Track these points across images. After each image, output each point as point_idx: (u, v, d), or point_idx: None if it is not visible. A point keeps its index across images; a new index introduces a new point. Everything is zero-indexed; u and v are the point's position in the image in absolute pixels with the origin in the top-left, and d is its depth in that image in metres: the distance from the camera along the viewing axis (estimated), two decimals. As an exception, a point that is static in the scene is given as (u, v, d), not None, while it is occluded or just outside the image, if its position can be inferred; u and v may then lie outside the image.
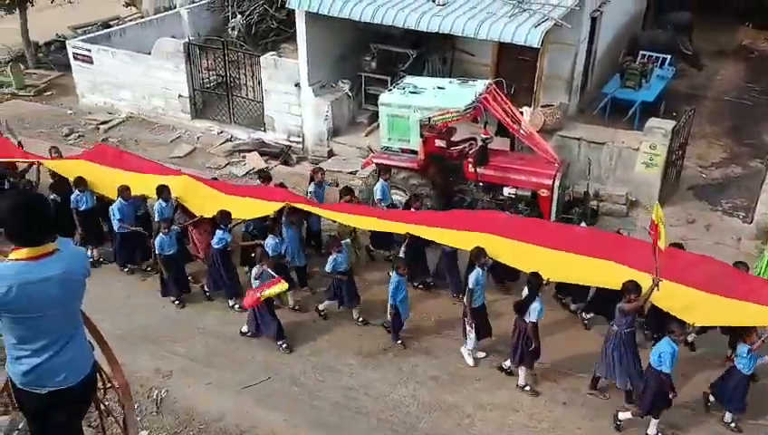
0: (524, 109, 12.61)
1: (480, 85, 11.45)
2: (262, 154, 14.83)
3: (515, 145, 12.04)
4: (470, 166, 11.32)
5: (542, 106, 13.05)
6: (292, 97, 14.84)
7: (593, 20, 14.62)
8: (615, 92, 14.89)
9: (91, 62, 16.60)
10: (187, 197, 10.68)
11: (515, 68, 14.48)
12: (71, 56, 16.96)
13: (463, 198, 11.54)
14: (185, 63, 15.68)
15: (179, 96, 16.04)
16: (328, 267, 9.61)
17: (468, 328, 8.99)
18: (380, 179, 11.02)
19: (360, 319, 10.00)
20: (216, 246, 10.11)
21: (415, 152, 11.36)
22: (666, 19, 18.07)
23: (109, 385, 5.07)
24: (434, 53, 15.17)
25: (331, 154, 14.73)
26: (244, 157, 14.83)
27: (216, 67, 16.26)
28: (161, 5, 20.61)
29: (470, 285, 8.77)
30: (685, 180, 13.48)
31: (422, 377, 9.06)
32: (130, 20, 20.51)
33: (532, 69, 13.25)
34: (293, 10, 14.06)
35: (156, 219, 10.57)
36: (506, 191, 11.21)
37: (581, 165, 12.35)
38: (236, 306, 10.24)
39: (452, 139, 11.88)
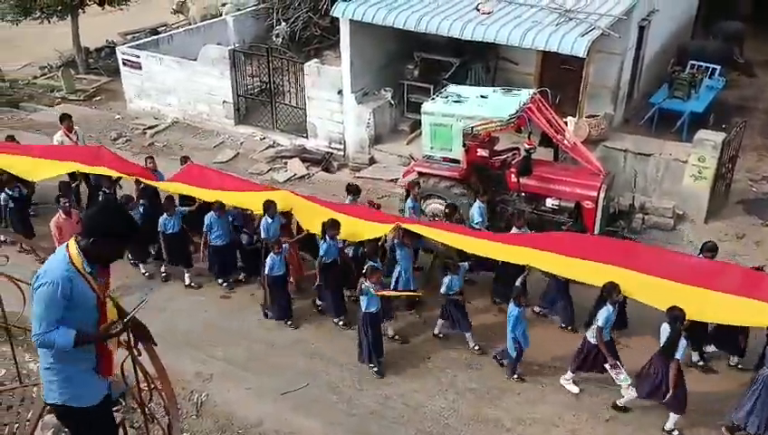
0: (569, 119, 12.44)
1: (524, 95, 11.33)
2: (303, 160, 14.94)
3: (559, 156, 11.87)
4: (513, 176, 11.21)
5: (586, 116, 12.86)
6: (334, 104, 14.93)
7: (641, 29, 14.36)
8: (663, 103, 14.59)
9: (140, 68, 16.97)
10: (295, 212, 10.34)
11: (559, 77, 14.30)
12: (120, 62, 17.37)
13: (504, 208, 11.43)
14: (230, 70, 15.92)
15: (224, 102, 16.27)
16: (443, 289, 9.29)
17: (616, 371, 8.25)
18: (477, 200, 10.54)
19: (476, 347, 9.53)
20: (325, 260, 9.75)
21: (457, 161, 11.31)
22: (716, 28, 17.67)
23: (153, 386, 5.13)
24: (477, 61, 15.08)
25: (372, 161, 14.75)
26: (285, 163, 14.96)
27: (260, 74, 16.46)
28: (208, 13, 20.98)
29: (599, 323, 8.15)
30: (734, 194, 13.12)
31: (461, 389, 8.97)
32: (177, 27, 20.95)
33: (576, 78, 13.08)
34: (337, 17, 14.15)
35: (262, 236, 10.24)
36: (549, 202, 11.07)
37: (627, 177, 12.13)
38: (341, 323, 10.03)
39: (494, 148, 11.80)
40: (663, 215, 12.26)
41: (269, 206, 10.04)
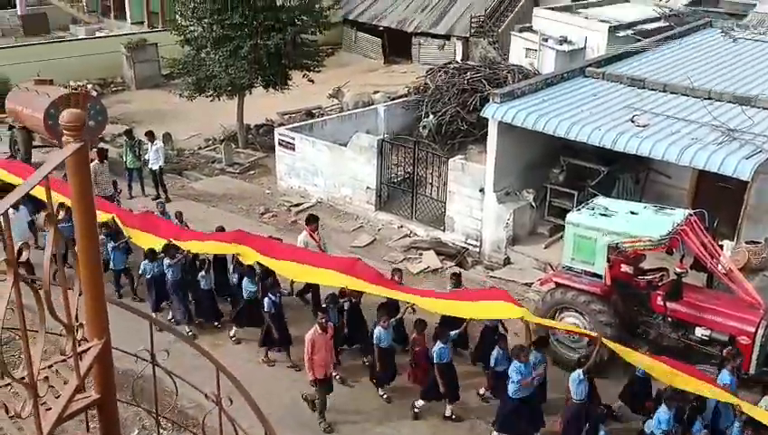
0: (725, 243, 11.69)
1: (679, 215, 10.79)
2: (438, 253, 15.00)
3: (713, 282, 11.11)
4: (659, 298, 10.59)
5: (746, 242, 12.01)
6: (474, 201, 14.99)
7: (812, 152, 13.39)
8: (834, 233, 13.36)
9: (293, 149, 18.02)
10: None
11: (716, 195, 13.56)
12: (276, 141, 18.55)
13: (647, 331, 10.78)
14: (376, 158, 16.51)
15: (367, 188, 16.83)
16: None
17: None
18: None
19: None
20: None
21: (599, 276, 10.86)
22: None
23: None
24: (626, 171, 14.69)
25: (507, 262, 14.54)
26: (420, 254, 15.09)
27: (405, 163, 16.94)
28: (360, 100, 22.09)
29: None
30: None
31: None
32: (330, 110, 22.17)
33: (735, 199, 12.35)
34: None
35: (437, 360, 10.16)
36: (699, 332, 10.32)
37: (790, 313, 11.07)
38: None
39: (640, 266, 11.26)
40: (831, 360, 11.01)
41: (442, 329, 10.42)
